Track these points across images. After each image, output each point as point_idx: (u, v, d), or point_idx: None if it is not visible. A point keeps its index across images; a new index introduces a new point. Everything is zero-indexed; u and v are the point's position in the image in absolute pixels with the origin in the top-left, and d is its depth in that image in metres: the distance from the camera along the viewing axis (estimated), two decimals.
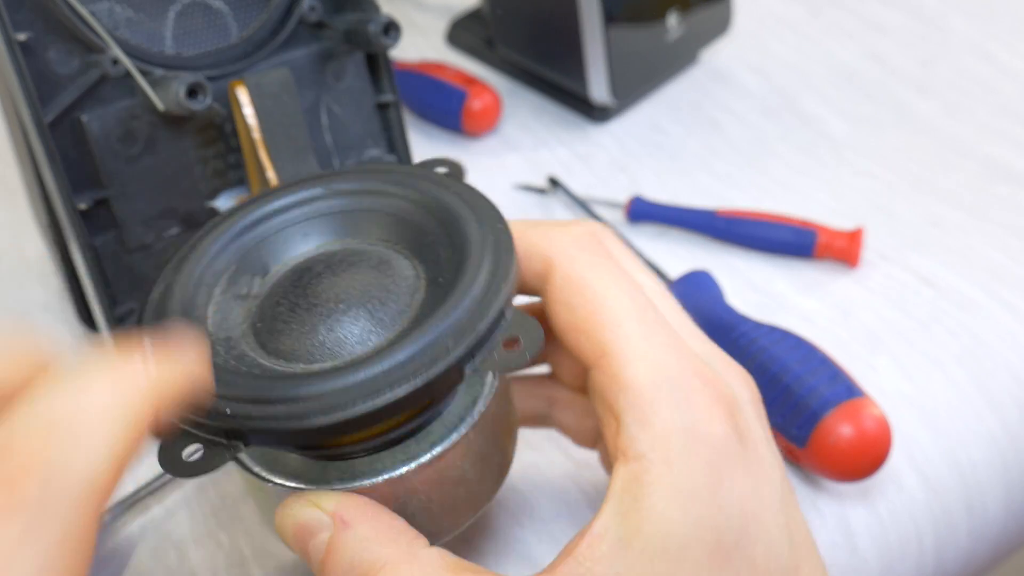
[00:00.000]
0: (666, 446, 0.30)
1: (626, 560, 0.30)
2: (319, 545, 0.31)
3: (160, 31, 0.43)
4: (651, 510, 0.30)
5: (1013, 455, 0.50)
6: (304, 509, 0.31)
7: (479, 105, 0.66)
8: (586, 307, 0.33)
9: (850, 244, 0.56)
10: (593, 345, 0.32)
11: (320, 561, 0.31)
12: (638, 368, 0.31)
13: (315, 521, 0.31)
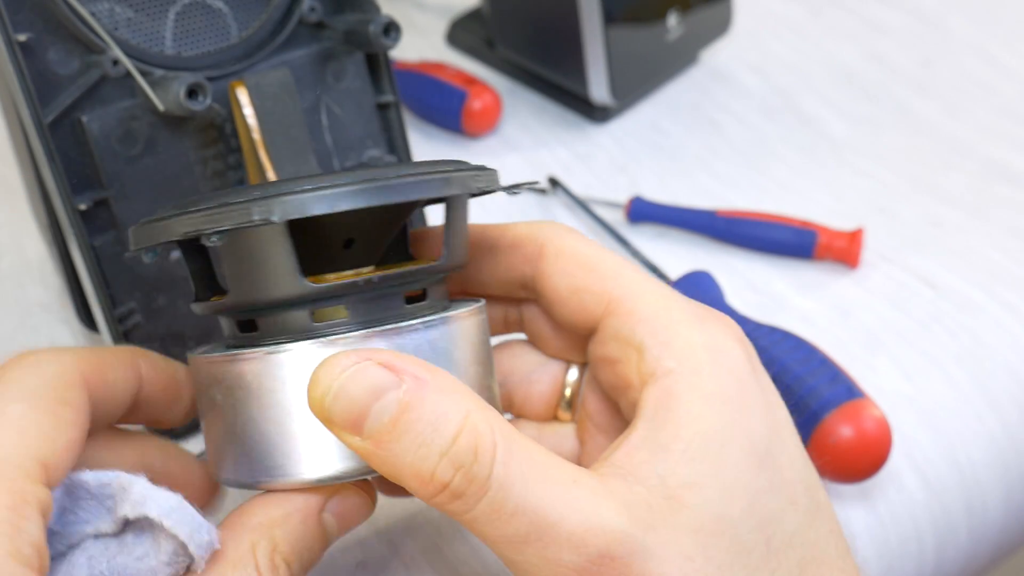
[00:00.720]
0: (692, 358, 0.32)
1: (667, 463, 0.30)
2: (387, 406, 0.29)
3: (160, 31, 0.43)
4: (687, 415, 0.31)
5: (1013, 455, 0.50)
6: (369, 369, 0.29)
7: (479, 105, 0.66)
8: (585, 268, 0.35)
9: (850, 245, 0.57)
10: (598, 296, 0.35)
11: (390, 421, 0.28)
12: (649, 301, 0.34)
13: (381, 381, 0.29)
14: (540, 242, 0.36)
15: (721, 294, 0.52)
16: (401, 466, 0.29)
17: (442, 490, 0.29)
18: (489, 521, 0.29)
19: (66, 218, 0.42)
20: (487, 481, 0.29)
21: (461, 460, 0.29)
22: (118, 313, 0.44)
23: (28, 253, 0.60)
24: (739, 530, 0.30)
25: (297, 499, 0.32)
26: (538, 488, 0.29)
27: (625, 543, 0.29)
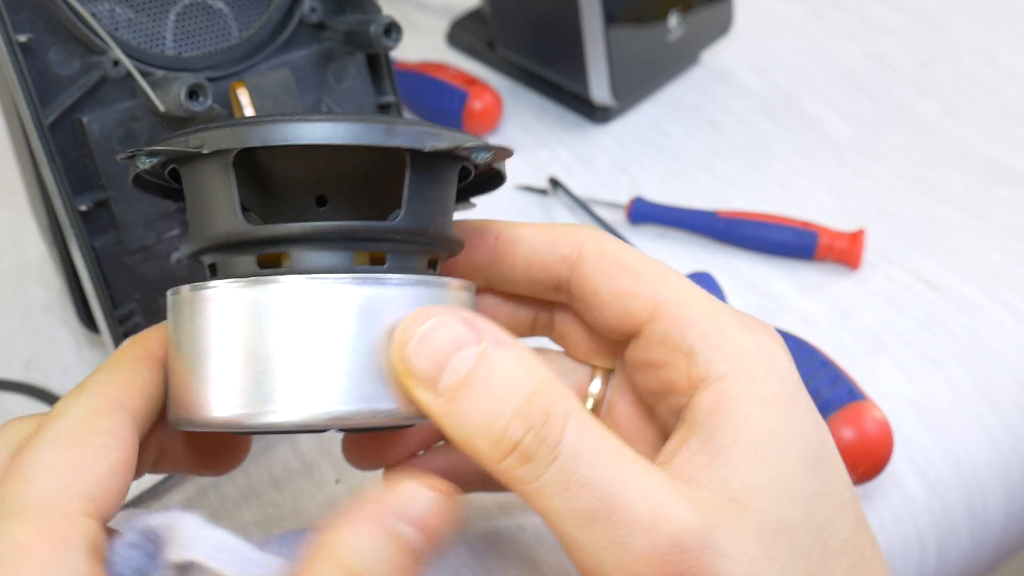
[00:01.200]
0: (745, 363, 0.32)
1: (729, 467, 0.30)
2: (466, 358, 0.29)
3: (161, 32, 0.43)
4: (745, 419, 0.31)
5: (1014, 456, 0.50)
6: (455, 323, 0.29)
7: (480, 106, 0.66)
8: (628, 272, 0.34)
9: (851, 246, 0.56)
10: (643, 300, 0.34)
11: (468, 374, 0.29)
12: (696, 307, 0.33)
13: (463, 335, 0.29)
14: (578, 244, 0.35)
15: (722, 295, 0.52)
16: (472, 424, 0.29)
17: (512, 451, 0.28)
18: (557, 492, 0.28)
19: (66, 219, 0.42)
20: (557, 446, 0.28)
21: (533, 420, 0.28)
22: (119, 314, 0.44)
23: (28, 254, 0.60)
24: (799, 534, 0.30)
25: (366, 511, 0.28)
26: (609, 465, 0.29)
27: (697, 536, 0.28)
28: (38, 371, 0.53)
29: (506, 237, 0.36)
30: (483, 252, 0.36)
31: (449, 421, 0.29)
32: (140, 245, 0.44)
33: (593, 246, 0.35)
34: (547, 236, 0.36)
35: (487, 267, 0.37)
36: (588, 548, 0.28)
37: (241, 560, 0.28)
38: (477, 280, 0.37)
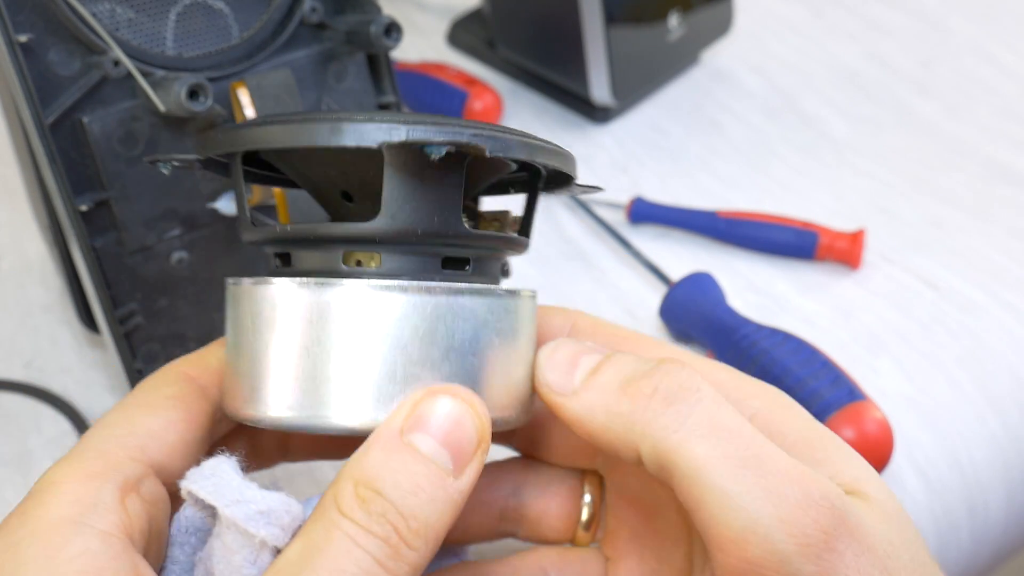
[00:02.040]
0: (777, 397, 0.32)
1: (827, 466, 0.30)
2: (594, 358, 0.31)
3: (161, 32, 0.43)
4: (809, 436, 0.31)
5: (1015, 456, 0.50)
6: (575, 343, 0.31)
7: (480, 106, 0.66)
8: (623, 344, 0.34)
9: (852, 246, 0.56)
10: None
11: (598, 363, 0.30)
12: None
13: (587, 347, 0.31)
14: (570, 320, 0.35)
15: (722, 296, 0.52)
16: (610, 392, 0.30)
17: (653, 394, 0.29)
18: (707, 435, 0.28)
19: (67, 219, 0.42)
20: (699, 390, 0.29)
21: (668, 370, 0.29)
22: (119, 314, 0.44)
23: (29, 254, 0.60)
24: (908, 526, 0.31)
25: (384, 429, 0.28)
26: (746, 424, 0.29)
27: (840, 497, 0.28)
28: (39, 371, 0.53)
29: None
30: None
31: (587, 404, 0.30)
32: (140, 245, 0.44)
33: (585, 320, 0.35)
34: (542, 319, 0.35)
35: None
36: (742, 499, 0.27)
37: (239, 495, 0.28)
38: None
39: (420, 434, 0.28)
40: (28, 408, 0.51)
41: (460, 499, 0.28)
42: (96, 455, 0.29)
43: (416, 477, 0.27)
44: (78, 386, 0.52)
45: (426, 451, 0.27)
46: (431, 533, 0.27)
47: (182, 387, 0.32)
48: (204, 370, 0.33)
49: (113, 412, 0.31)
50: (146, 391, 0.32)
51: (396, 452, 0.27)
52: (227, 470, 0.28)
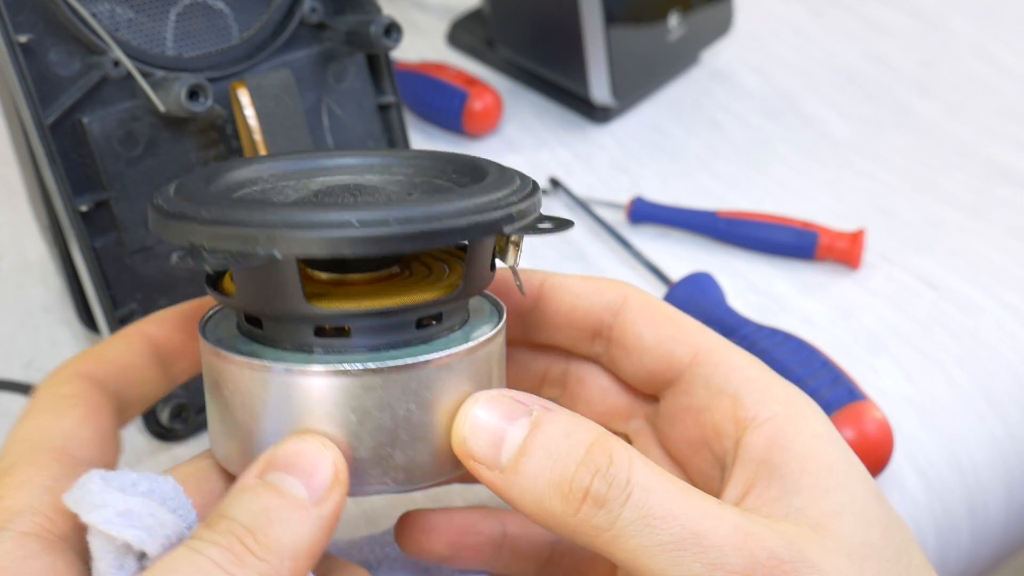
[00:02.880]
0: (793, 403, 0.33)
1: (803, 496, 0.31)
2: (521, 427, 0.30)
3: (161, 32, 0.43)
4: (807, 452, 0.32)
5: (1015, 456, 0.50)
6: (503, 400, 0.31)
7: (480, 106, 0.66)
8: (671, 320, 0.36)
9: (852, 246, 0.56)
10: (686, 346, 0.35)
11: (526, 440, 0.30)
12: (736, 354, 0.35)
13: (513, 407, 0.31)
14: (622, 294, 0.37)
15: (722, 296, 0.52)
16: (540, 488, 0.29)
17: (584, 499, 0.29)
18: (639, 528, 0.29)
19: (67, 219, 0.42)
20: (628, 484, 0.29)
21: (598, 465, 0.29)
22: (119, 314, 0.44)
23: (29, 254, 0.60)
24: (883, 555, 0.31)
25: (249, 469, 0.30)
26: (683, 497, 0.29)
27: (790, 550, 0.29)
28: (38, 371, 0.53)
29: (551, 283, 0.37)
30: (528, 298, 0.37)
31: (518, 491, 0.30)
32: (140, 245, 0.44)
33: (637, 296, 0.37)
34: (592, 284, 0.37)
35: (529, 312, 0.37)
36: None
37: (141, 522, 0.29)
38: (518, 326, 0.38)
39: (272, 472, 0.29)
40: None
41: (321, 523, 0.29)
42: (26, 465, 0.30)
43: (264, 502, 0.29)
44: None
45: (276, 482, 0.29)
46: (284, 550, 0.28)
47: (77, 385, 0.33)
48: (98, 364, 0.35)
49: (23, 423, 0.32)
50: (47, 397, 0.33)
51: (249, 490, 0.29)
52: (93, 479, 0.29)
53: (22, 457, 0.31)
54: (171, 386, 0.37)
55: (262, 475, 0.29)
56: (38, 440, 0.32)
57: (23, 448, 0.31)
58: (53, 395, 0.33)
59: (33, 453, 0.31)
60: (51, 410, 0.33)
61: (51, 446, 0.31)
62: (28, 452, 0.31)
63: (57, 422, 0.32)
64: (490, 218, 0.30)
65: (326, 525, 0.29)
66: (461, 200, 0.30)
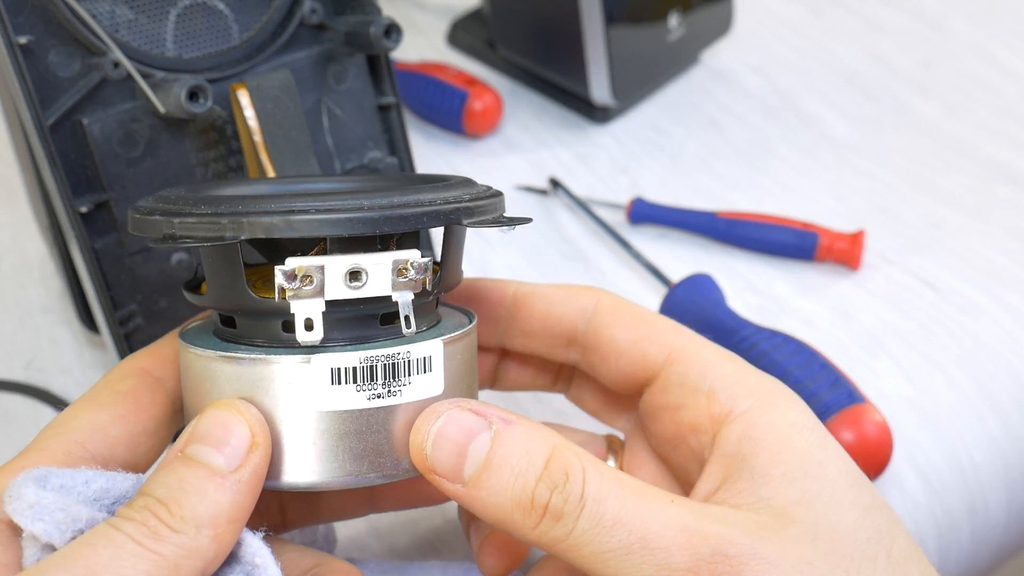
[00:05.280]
0: (767, 396, 0.34)
1: (770, 487, 0.32)
2: (482, 444, 0.31)
3: (161, 33, 0.43)
4: (778, 442, 0.32)
5: (1015, 457, 0.50)
6: (463, 414, 0.31)
7: (480, 106, 0.66)
8: (644, 322, 0.37)
9: (851, 247, 0.56)
10: (659, 346, 0.36)
11: (487, 457, 0.31)
12: (709, 351, 0.36)
13: (473, 423, 0.31)
14: (595, 298, 0.37)
15: (722, 297, 0.52)
16: (502, 502, 0.31)
17: (544, 514, 0.30)
18: (592, 537, 0.30)
19: (67, 220, 0.42)
20: (581, 497, 0.30)
21: (555, 480, 0.30)
22: (119, 315, 0.44)
23: (29, 254, 0.60)
24: (857, 538, 0.31)
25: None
26: (633, 502, 0.30)
27: (737, 545, 0.30)
28: (38, 371, 0.53)
29: (524, 292, 0.38)
30: (502, 307, 0.38)
31: (480, 504, 0.31)
32: (140, 246, 0.44)
33: (609, 300, 0.37)
34: (564, 291, 0.38)
35: (505, 322, 0.38)
36: None
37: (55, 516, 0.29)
38: (494, 336, 0.39)
39: (192, 444, 0.30)
40: (28, 408, 0.51)
41: (239, 487, 0.30)
42: (34, 452, 0.32)
43: (180, 475, 0.30)
44: (78, 386, 0.52)
45: (192, 453, 0.30)
46: (201, 520, 0.29)
47: (135, 381, 0.34)
48: (159, 362, 0.35)
49: (69, 408, 0.34)
50: (100, 388, 0.34)
51: (167, 465, 0.30)
52: (20, 479, 0.30)
53: (40, 443, 0.32)
54: None
55: (183, 449, 0.30)
56: (64, 430, 0.33)
57: (48, 433, 0.32)
58: (106, 387, 0.34)
59: (50, 441, 0.32)
60: (95, 402, 0.34)
61: (71, 438, 0.32)
62: (48, 439, 0.32)
63: (93, 415, 0.33)
64: (440, 209, 0.31)
65: (245, 490, 0.30)
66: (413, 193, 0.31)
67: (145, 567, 0.28)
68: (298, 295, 0.31)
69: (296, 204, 0.30)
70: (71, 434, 0.32)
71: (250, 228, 0.30)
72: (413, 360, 0.32)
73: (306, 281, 0.31)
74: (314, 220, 0.30)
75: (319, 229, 0.30)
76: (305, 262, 0.30)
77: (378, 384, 0.31)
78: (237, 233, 0.30)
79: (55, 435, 0.32)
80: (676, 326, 0.37)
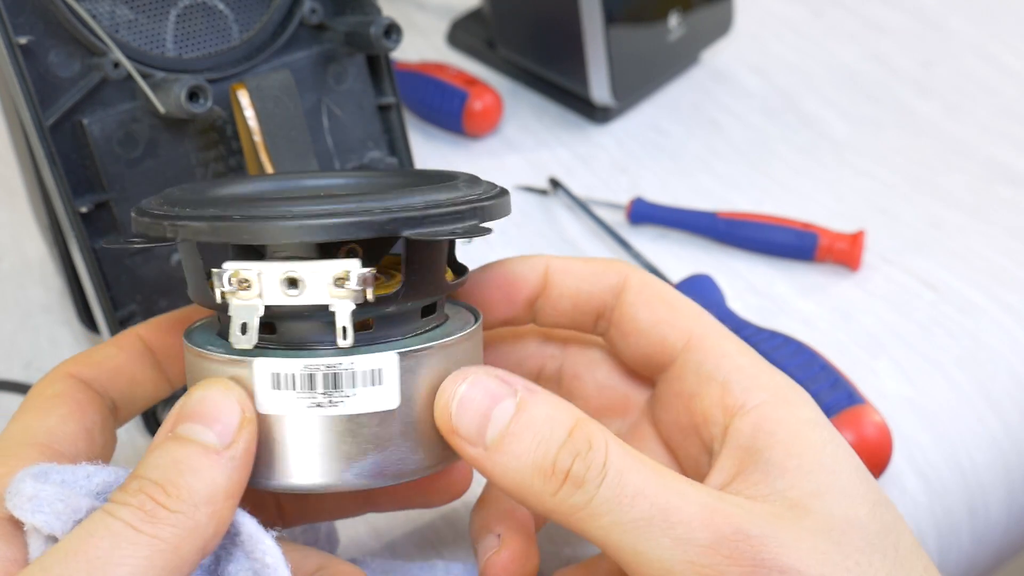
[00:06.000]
0: (780, 391, 0.34)
1: (785, 479, 0.32)
2: (506, 408, 0.31)
3: (161, 33, 0.43)
4: (793, 436, 0.32)
5: (1015, 457, 0.50)
6: (489, 379, 0.32)
7: (480, 106, 0.66)
8: (667, 304, 0.36)
9: (851, 247, 0.56)
10: (679, 331, 0.36)
11: (510, 420, 0.31)
12: (729, 341, 0.36)
13: (498, 388, 0.31)
14: (623, 275, 0.37)
15: (722, 297, 0.52)
16: (523, 466, 0.31)
17: (564, 480, 0.30)
18: (612, 507, 0.30)
19: (67, 220, 0.42)
20: (604, 467, 0.30)
21: (578, 448, 0.30)
22: (119, 315, 0.44)
23: (29, 254, 0.60)
24: (868, 531, 0.31)
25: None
26: (655, 478, 0.30)
27: (759, 526, 0.30)
28: (38, 371, 0.53)
29: (556, 268, 0.38)
30: (536, 285, 0.38)
31: (501, 469, 0.31)
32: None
33: (636, 277, 0.37)
34: (593, 267, 0.38)
35: (537, 298, 0.38)
36: (652, 554, 0.30)
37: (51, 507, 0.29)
38: (527, 314, 0.38)
39: (182, 424, 0.30)
40: None
41: (234, 463, 0.30)
42: (13, 459, 0.32)
43: (174, 455, 0.29)
44: None
45: (184, 432, 0.30)
46: (198, 497, 0.29)
47: (64, 384, 0.35)
48: (87, 366, 0.36)
49: (11, 423, 0.34)
50: (34, 397, 0.34)
51: (159, 446, 0.30)
52: (19, 476, 0.30)
53: (8, 452, 0.32)
54: (170, 388, 0.38)
55: (172, 429, 0.30)
56: (22, 437, 0.33)
57: (9, 444, 0.33)
58: (40, 395, 0.34)
59: (19, 448, 0.32)
60: (36, 409, 0.34)
61: (35, 441, 0.32)
62: (14, 447, 0.32)
63: (40, 420, 0.33)
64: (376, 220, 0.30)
65: (240, 465, 0.30)
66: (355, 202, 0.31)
67: (145, 553, 0.28)
68: (237, 299, 0.31)
69: (231, 211, 0.30)
70: (33, 438, 0.33)
71: (183, 232, 0.31)
72: (358, 372, 0.31)
73: (243, 286, 0.31)
74: (233, 227, 0.30)
75: (238, 236, 0.30)
76: (240, 267, 0.31)
77: (318, 393, 0.31)
78: (174, 235, 0.31)
79: (17, 443, 0.32)
80: (699, 311, 0.36)
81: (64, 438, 0.33)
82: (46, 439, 0.33)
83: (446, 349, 0.33)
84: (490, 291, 0.37)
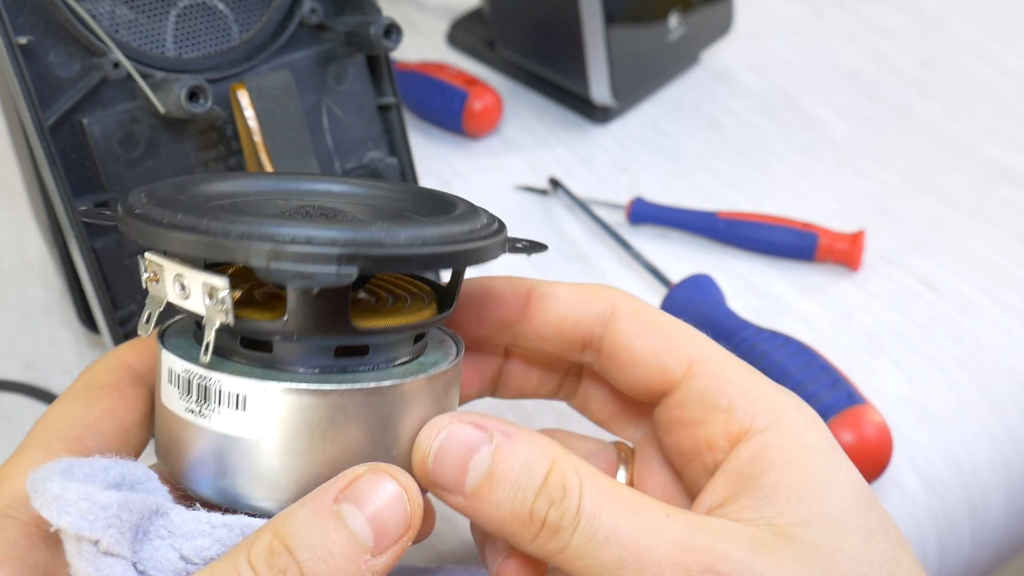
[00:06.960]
0: (785, 416, 0.33)
1: (774, 506, 0.31)
2: (483, 459, 0.31)
3: (161, 33, 0.43)
4: (789, 463, 0.32)
5: (1015, 457, 0.50)
6: (464, 428, 0.31)
7: (480, 106, 0.66)
8: (663, 331, 0.35)
9: (852, 247, 0.56)
10: (678, 359, 0.35)
11: (488, 471, 0.31)
12: (730, 365, 0.35)
13: (474, 437, 0.31)
14: (612, 303, 0.36)
15: (722, 297, 0.52)
16: (502, 515, 0.31)
17: (541, 528, 0.31)
18: (585, 552, 0.30)
19: (67, 220, 0.42)
20: (577, 513, 0.30)
21: (553, 496, 0.31)
22: (119, 315, 0.44)
23: (29, 254, 0.60)
24: (859, 562, 0.31)
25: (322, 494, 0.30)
26: (628, 517, 0.30)
27: (728, 561, 0.30)
28: (38, 371, 0.53)
29: (539, 293, 0.37)
30: (515, 309, 0.37)
31: (483, 516, 0.31)
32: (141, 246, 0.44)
33: (626, 305, 0.36)
34: (580, 294, 0.37)
35: (517, 324, 0.37)
36: None
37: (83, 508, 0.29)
38: (505, 337, 0.37)
39: (351, 506, 0.29)
40: (28, 408, 0.51)
41: (372, 574, 0.29)
42: (36, 450, 0.32)
43: (331, 545, 0.28)
44: None
45: (351, 524, 0.29)
46: None
47: (118, 375, 0.34)
48: (142, 355, 0.35)
49: (55, 406, 0.33)
50: (85, 382, 0.34)
51: (321, 517, 0.29)
52: (52, 467, 0.30)
53: (38, 440, 0.32)
54: None
55: (338, 502, 0.29)
56: (58, 427, 0.32)
57: (42, 431, 0.32)
58: (91, 382, 0.34)
59: (48, 439, 0.32)
60: (82, 397, 0.34)
61: (67, 435, 0.32)
62: (44, 437, 0.32)
63: (83, 411, 0.33)
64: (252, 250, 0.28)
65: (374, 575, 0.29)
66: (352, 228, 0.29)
67: None
68: (150, 288, 0.31)
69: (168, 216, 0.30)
70: (68, 431, 0.32)
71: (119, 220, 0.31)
72: (224, 392, 0.30)
73: (154, 278, 0.31)
74: (155, 231, 0.30)
75: (155, 242, 0.30)
76: (153, 258, 0.31)
77: (192, 400, 0.31)
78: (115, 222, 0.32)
79: (51, 432, 0.32)
80: (695, 335, 0.36)
81: (98, 435, 0.33)
82: (80, 434, 0.32)
83: (351, 396, 0.31)
84: (465, 307, 0.37)
